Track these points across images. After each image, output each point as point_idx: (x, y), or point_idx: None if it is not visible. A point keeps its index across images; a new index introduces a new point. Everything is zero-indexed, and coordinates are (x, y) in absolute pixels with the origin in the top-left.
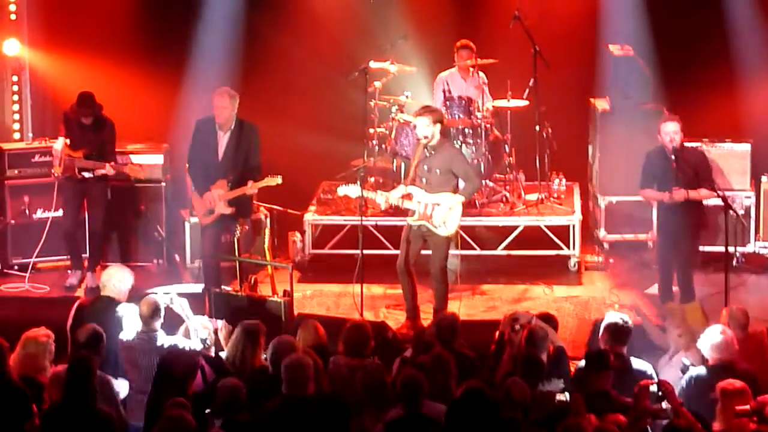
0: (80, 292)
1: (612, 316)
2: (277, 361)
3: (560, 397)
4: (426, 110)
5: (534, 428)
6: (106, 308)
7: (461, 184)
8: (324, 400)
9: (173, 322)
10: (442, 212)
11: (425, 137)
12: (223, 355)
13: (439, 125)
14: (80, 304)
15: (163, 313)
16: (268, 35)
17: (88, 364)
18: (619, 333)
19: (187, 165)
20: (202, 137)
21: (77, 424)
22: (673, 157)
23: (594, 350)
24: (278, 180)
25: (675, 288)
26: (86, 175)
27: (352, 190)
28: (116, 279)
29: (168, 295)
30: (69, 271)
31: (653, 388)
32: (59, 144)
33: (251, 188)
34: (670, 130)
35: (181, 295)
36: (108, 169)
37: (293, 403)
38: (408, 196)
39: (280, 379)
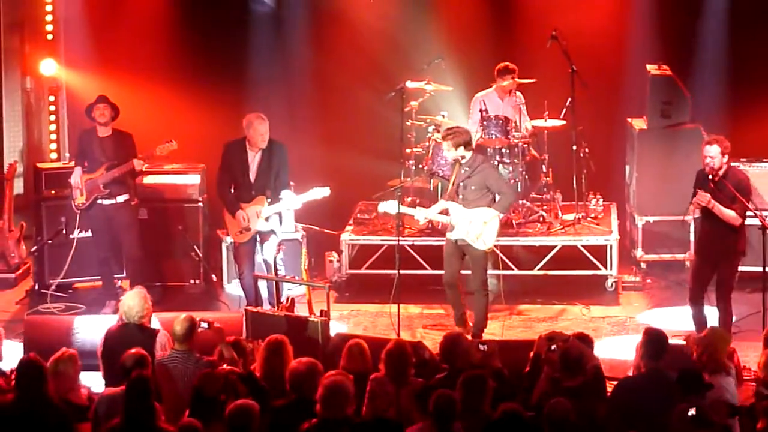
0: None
1: None
2: (297, 387)
3: None
4: (447, 134)
5: None
6: (134, 333)
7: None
8: (374, 422)
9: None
10: (478, 226)
11: (453, 159)
12: None
13: (462, 148)
14: (109, 330)
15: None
16: (304, 55)
17: (146, 383)
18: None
19: (217, 187)
20: (233, 159)
21: None
22: (710, 177)
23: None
24: (326, 192)
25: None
26: (107, 202)
27: (391, 206)
28: (138, 306)
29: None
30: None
31: (692, 411)
32: (76, 175)
33: (291, 205)
34: (708, 153)
35: None
36: (137, 164)
37: (330, 426)
38: (445, 211)
39: (302, 401)
